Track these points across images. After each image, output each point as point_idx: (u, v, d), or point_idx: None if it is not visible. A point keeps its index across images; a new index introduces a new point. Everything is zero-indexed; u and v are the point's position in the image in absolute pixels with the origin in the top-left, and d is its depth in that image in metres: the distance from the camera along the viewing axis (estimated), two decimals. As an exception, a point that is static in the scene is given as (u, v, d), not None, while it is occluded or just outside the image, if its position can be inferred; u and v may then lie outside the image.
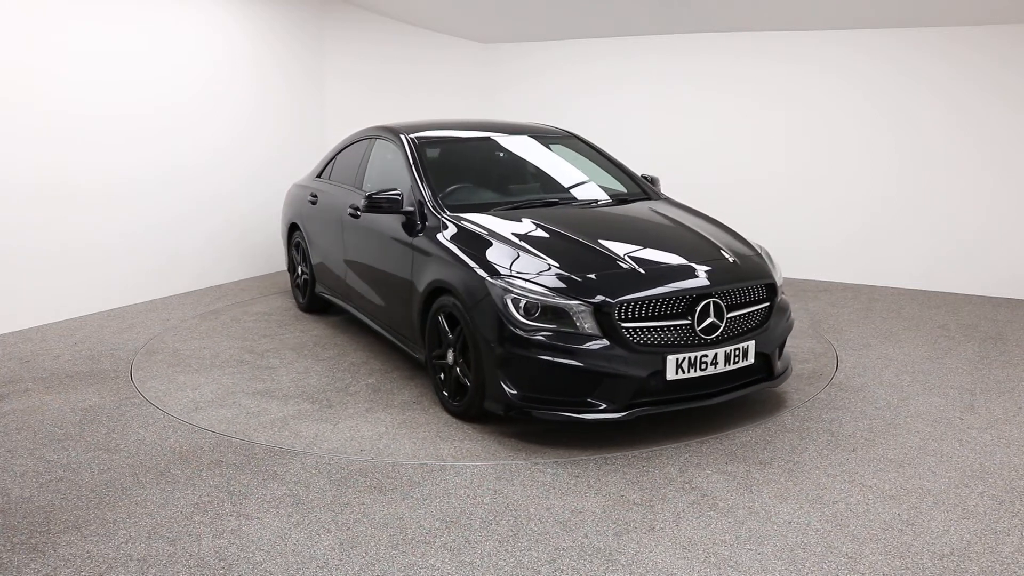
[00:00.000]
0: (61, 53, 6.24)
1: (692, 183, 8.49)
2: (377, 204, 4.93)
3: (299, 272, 6.82)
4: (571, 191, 5.41)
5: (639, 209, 5.09)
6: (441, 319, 4.43)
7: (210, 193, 7.61)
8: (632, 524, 3.29)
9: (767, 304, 4.35)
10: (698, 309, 4.01)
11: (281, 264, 8.51)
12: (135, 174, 6.89)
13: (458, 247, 4.44)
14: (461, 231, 4.55)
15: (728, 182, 8.43)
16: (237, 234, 7.95)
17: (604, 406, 3.92)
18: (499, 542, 3.16)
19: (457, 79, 9.73)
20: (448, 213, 4.77)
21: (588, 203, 5.18)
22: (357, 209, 5.50)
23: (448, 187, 5.13)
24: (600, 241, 4.37)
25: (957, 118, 7.32)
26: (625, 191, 5.48)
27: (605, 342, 3.89)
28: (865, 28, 7.60)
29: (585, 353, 3.88)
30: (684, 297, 4.03)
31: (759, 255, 4.59)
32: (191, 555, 3.07)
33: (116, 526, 3.28)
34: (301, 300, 6.85)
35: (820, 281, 7.99)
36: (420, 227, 4.78)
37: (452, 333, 4.35)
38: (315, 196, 6.43)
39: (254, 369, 5.36)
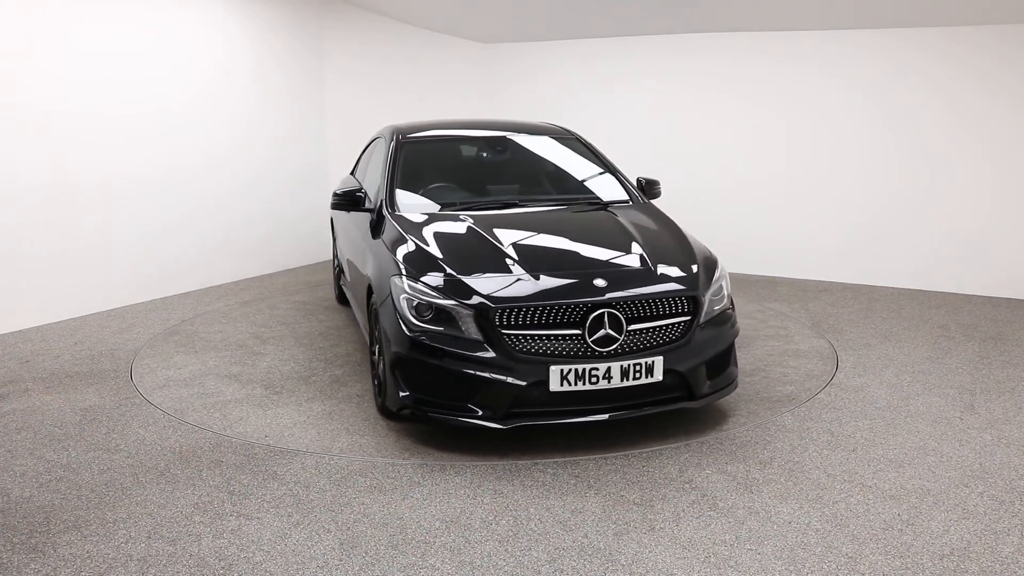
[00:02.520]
0: (62, 53, 6.24)
1: (692, 183, 8.50)
2: (340, 201, 5.08)
3: (335, 264, 7.05)
4: (548, 194, 5.34)
5: (595, 214, 4.92)
6: (374, 316, 4.49)
7: (210, 193, 7.61)
8: (632, 524, 3.29)
9: (687, 318, 4.05)
10: (590, 319, 3.83)
11: (282, 264, 8.54)
12: (135, 174, 6.89)
13: (386, 246, 4.49)
14: (394, 230, 4.59)
15: (728, 182, 8.44)
16: (237, 234, 7.95)
17: (481, 413, 3.85)
18: (499, 542, 3.16)
19: (457, 79, 9.73)
20: (392, 212, 4.86)
21: (552, 206, 5.04)
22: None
23: (428, 186, 5.20)
24: (512, 245, 4.27)
25: (957, 118, 7.32)
26: (607, 194, 5.29)
27: (485, 348, 3.81)
28: (865, 28, 7.61)
29: (462, 358, 3.81)
30: (576, 307, 3.84)
31: (694, 265, 4.27)
32: (191, 555, 3.07)
33: (116, 526, 3.28)
34: (336, 291, 7.07)
35: (820, 281, 7.99)
36: (378, 225, 4.86)
37: (376, 330, 4.40)
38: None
39: (245, 354, 5.59)
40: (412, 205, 4.97)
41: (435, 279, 4.01)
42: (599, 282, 3.96)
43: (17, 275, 6.10)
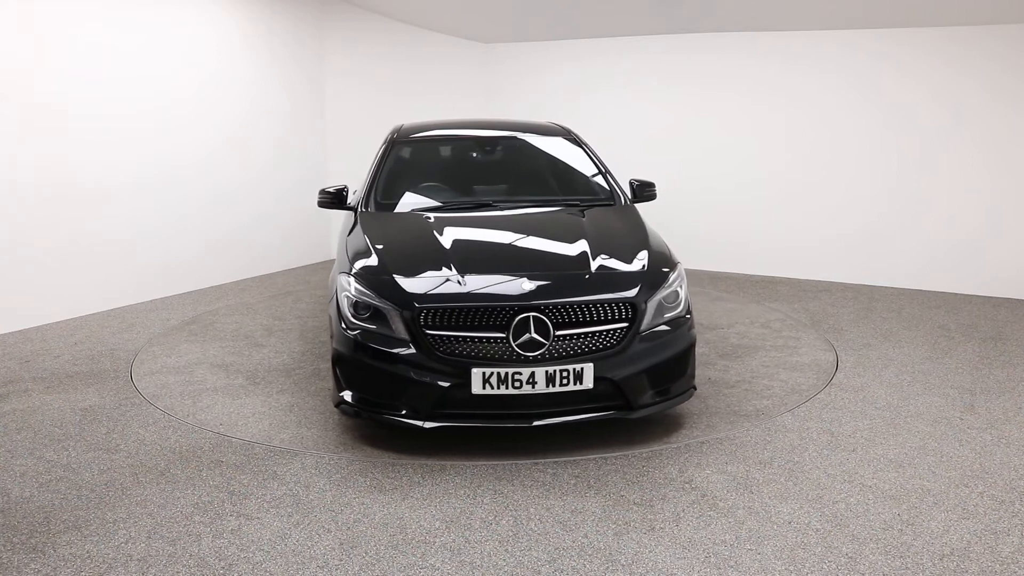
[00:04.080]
0: (61, 53, 6.24)
1: (692, 183, 8.50)
2: (324, 199, 5.16)
3: None
4: (531, 195, 5.26)
5: (561, 216, 4.84)
6: None
7: (211, 193, 7.61)
8: (632, 524, 3.29)
9: (623, 325, 3.93)
10: (514, 323, 3.78)
11: (282, 264, 8.53)
12: (135, 174, 6.89)
13: (346, 243, 4.55)
14: (356, 228, 4.67)
15: (728, 182, 8.43)
16: (237, 234, 7.95)
17: (405, 411, 3.87)
18: (499, 542, 3.16)
19: (457, 79, 9.73)
20: (365, 210, 4.96)
21: (528, 207, 4.97)
22: None
23: (412, 186, 5.25)
24: (452, 245, 4.28)
25: (957, 118, 7.32)
26: (591, 195, 5.22)
27: (410, 347, 3.82)
28: (864, 28, 7.60)
29: (388, 356, 3.85)
30: (500, 309, 3.80)
31: (641, 271, 4.15)
32: (191, 555, 3.07)
33: (116, 526, 3.28)
34: None
35: (820, 281, 7.99)
36: (353, 223, 4.93)
37: None
38: None
39: (248, 345, 5.77)
40: (387, 204, 5.03)
41: (373, 278, 4.06)
42: (527, 285, 3.90)
43: (17, 275, 6.09)
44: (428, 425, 3.84)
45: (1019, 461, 3.88)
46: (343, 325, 4.02)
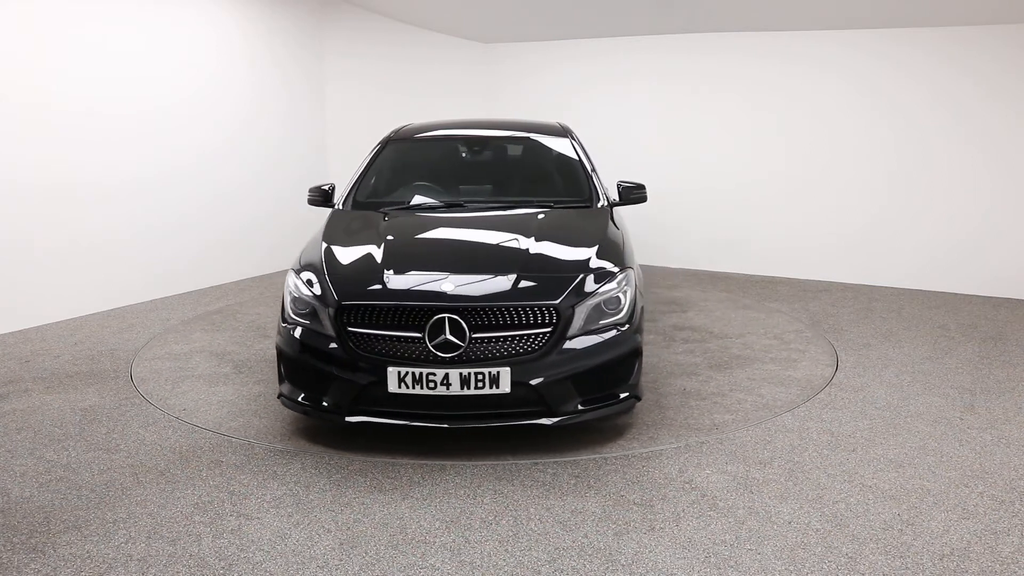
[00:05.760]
0: (61, 53, 6.24)
1: (692, 183, 8.51)
2: (312, 197, 5.25)
3: None
4: (511, 195, 5.23)
5: (523, 216, 4.75)
6: None
7: (211, 193, 7.61)
8: (632, 524, 3.29)
9: (546, 330, 3.81)
10: (430, 323, 3.75)
11: (282, 264, 8.53)
12: (135, 174, 6.89)
13: (307, 243, 4.61)
14: (321, 227, 4.75)
15: (728, 182, 8.44)
16: (238, 234, 7.95)
17: (327, 406, 3.92)
18: (499, 542, 3.16)
19: (457, 79, 9.74)
20: (336, 208, 5.07)
21: (501, 208, 4.92)
22: None
23: (399, 186, 5.30)
24: (387, 243, 4.29)
25: (956, 118, 7.32)
26: (570, 196, 5.15)
27: (332, 344, 3.87)
28: (864, 28, 7.61)
29: (316, 352, 3.92)
30: (417, 310, 3.79)
31: (577, 275, 4.00)
32: (191, 555, 3.07)
33: (116, 526, 3.28)
34: None
35: (820, 281, 7.99)
36: None
37: None
38: None
39: (254, 336, 5.99)
40: (365, 203, 5.09)
41: (312, 275, 4.13)
42: (447, 287, 3.88)
43: (17, 275, 6.09)
44: (351, 419, 3.87)
45: (1019, 461, 3.88)
46: (283, 320, 4.12)
